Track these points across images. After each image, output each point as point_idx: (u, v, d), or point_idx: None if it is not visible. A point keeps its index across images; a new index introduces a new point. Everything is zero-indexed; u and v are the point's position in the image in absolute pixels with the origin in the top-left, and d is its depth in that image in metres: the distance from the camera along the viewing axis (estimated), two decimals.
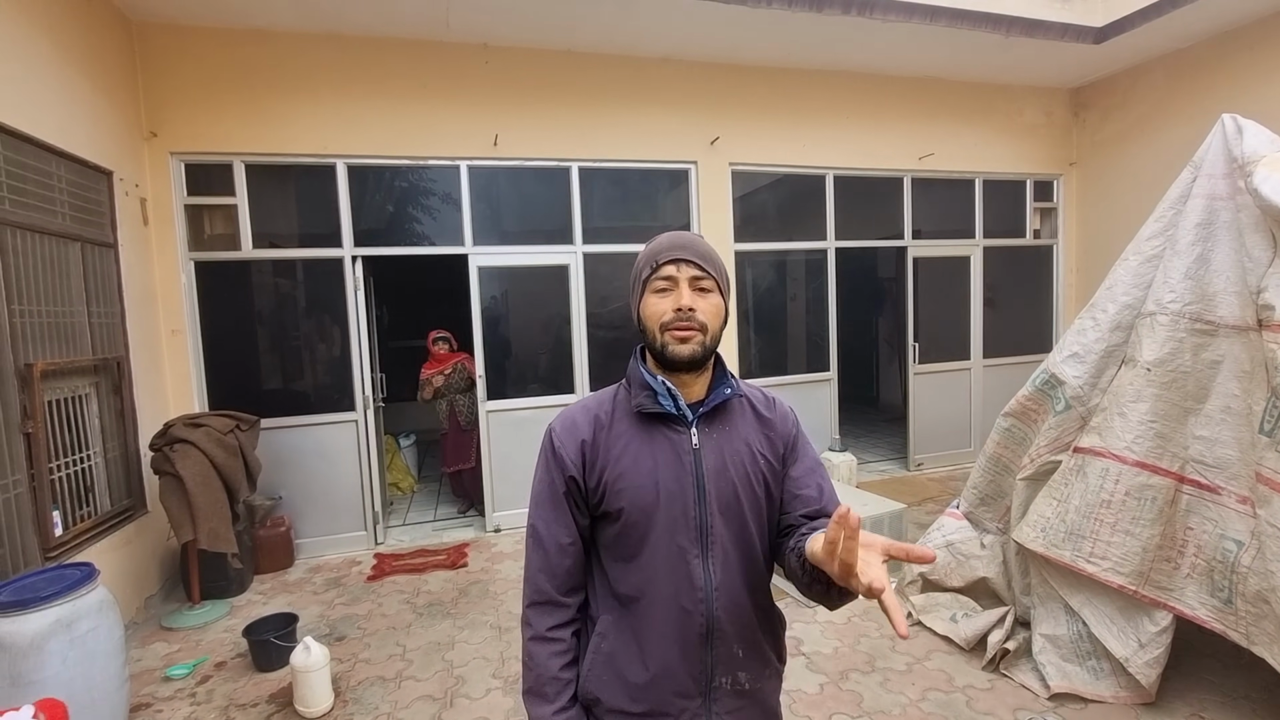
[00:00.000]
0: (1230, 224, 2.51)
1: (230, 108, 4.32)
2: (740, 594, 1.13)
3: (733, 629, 1.12)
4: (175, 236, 4.31)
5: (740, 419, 1.19)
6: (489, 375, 4.90)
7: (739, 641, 1.14)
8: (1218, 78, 5.25)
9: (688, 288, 1.09)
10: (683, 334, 1.08)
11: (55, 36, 3.34)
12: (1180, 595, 2.53)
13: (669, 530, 1.10)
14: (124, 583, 3.55)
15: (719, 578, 1.11)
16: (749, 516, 1.14)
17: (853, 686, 2.81)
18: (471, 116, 4.74)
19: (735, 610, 1.12)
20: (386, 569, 4.29)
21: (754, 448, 1.16)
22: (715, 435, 1.15)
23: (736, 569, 1.13)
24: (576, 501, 1.16)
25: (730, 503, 1.13)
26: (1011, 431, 3.10)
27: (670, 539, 1.10)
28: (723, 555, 1.12)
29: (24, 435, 2.93)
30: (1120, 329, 2.78)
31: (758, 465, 1.16)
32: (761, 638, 1.18)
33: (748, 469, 1.14)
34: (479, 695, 2.83)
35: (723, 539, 1.12)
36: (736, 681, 1.15)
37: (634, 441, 1.13)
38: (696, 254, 1.11)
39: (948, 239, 6.23)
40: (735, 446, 1.15)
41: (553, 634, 1.17)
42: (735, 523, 1.13)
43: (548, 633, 1.17)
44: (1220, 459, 2.46)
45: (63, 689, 2.26)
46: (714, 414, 1.17)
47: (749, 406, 1.22)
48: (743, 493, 1.13)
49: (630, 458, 1.12)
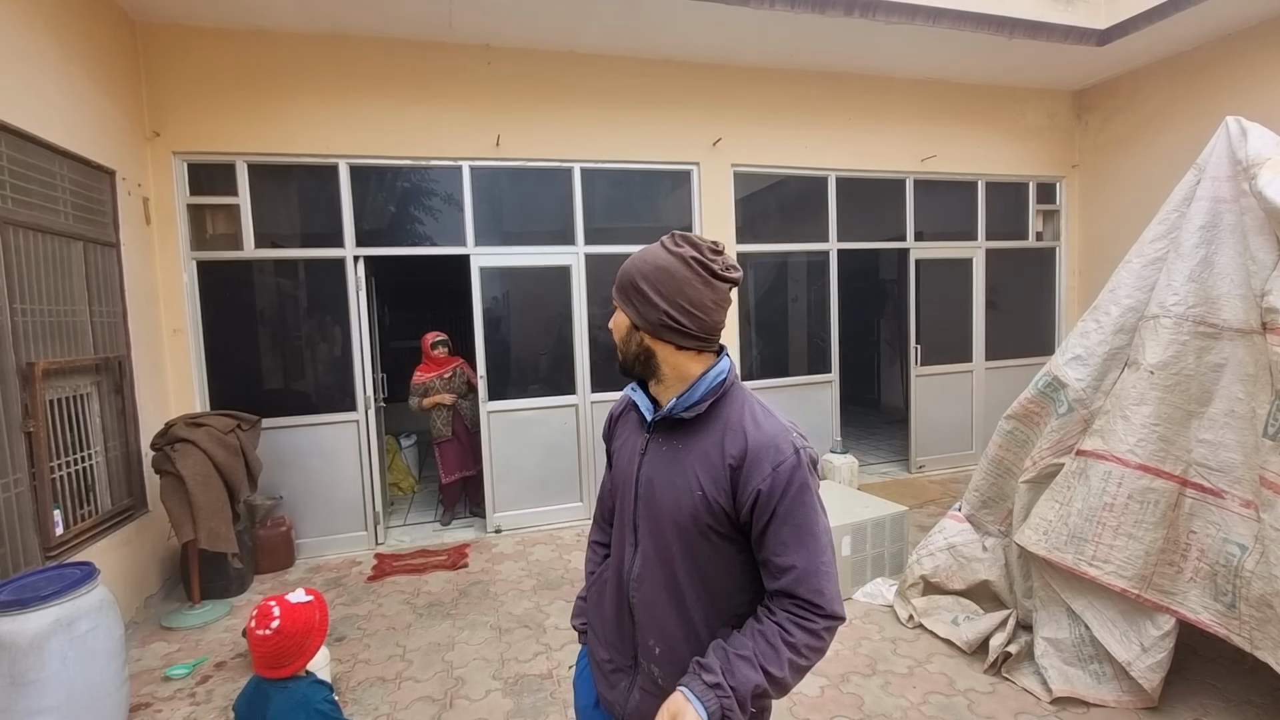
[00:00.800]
0: (1234, 227, 2.51)
1: (233, 107, 4.32)
2: (656, 598, 1.17)
3: (648, 624, 1.19)
4: (177, 236, 4.31)
5: (704, 443, 1.14)
6: (490, 376, 4.90)
7: (654, 637, 1.19)
8: (1221, 80, 5.24)
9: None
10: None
11: (60, 37, 3.35)
12: (1183, 599, 2.52)
13: (621, 512, 1.27)
14: (124, 582, 3.55)
15: (638, 571, 1.21)
16: (671, 536, 1.15)
17: (853, 689, 2.80)
18: (474, 117, 4.74)
19: (650, 609, 1.19)
20: (387, 569, 4.29)
21: (697, 477, 1.12)
22: (665, 448, 1.18)
23: (654, 573, 1.18)
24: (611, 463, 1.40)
25: (658, 513, 1.17)
26: (1014, 434, 3.09)
27: (621, 520, 1.27)
28: (644, 556, 1.20)
29: (25, 434, 2.93)
30: (1123, 332, 2.77)
31: (691, 496, 1.12)
32: (683, 651, 1.16)
33: (679, 494, 1.13)
34: (479, 696, 2.83)
35: (645, 543, 1.19)
36: (652, 673, 1.20)
37: (628, 429, 1.31)
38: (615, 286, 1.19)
39: (950, 241, 6.23)
40: (679, 468, 1.15)
41: (594, 544, 1.48)
42: (657, 535, 1.17)
43: (593, 541, 1.49)
44: (1224, 462, 2.45)
45: (62, 688, 2.26)
46: (672, 427, 1.18)
47: (720, 436, 1.13)
48: (667, 513, 1.15)
49: (621, 441, 1.33)
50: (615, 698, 1.26)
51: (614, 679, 1.27)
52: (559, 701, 2.77)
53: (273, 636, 1.59)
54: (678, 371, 1.16)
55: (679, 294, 1.10)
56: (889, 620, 3.37)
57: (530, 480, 5.03)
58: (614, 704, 1.27)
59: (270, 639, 1.59)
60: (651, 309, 1.12)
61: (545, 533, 4.92)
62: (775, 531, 1.08)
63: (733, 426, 1.12)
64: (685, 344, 1.14)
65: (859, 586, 3.67)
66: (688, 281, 1.10)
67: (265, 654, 1.60)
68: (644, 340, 1.16)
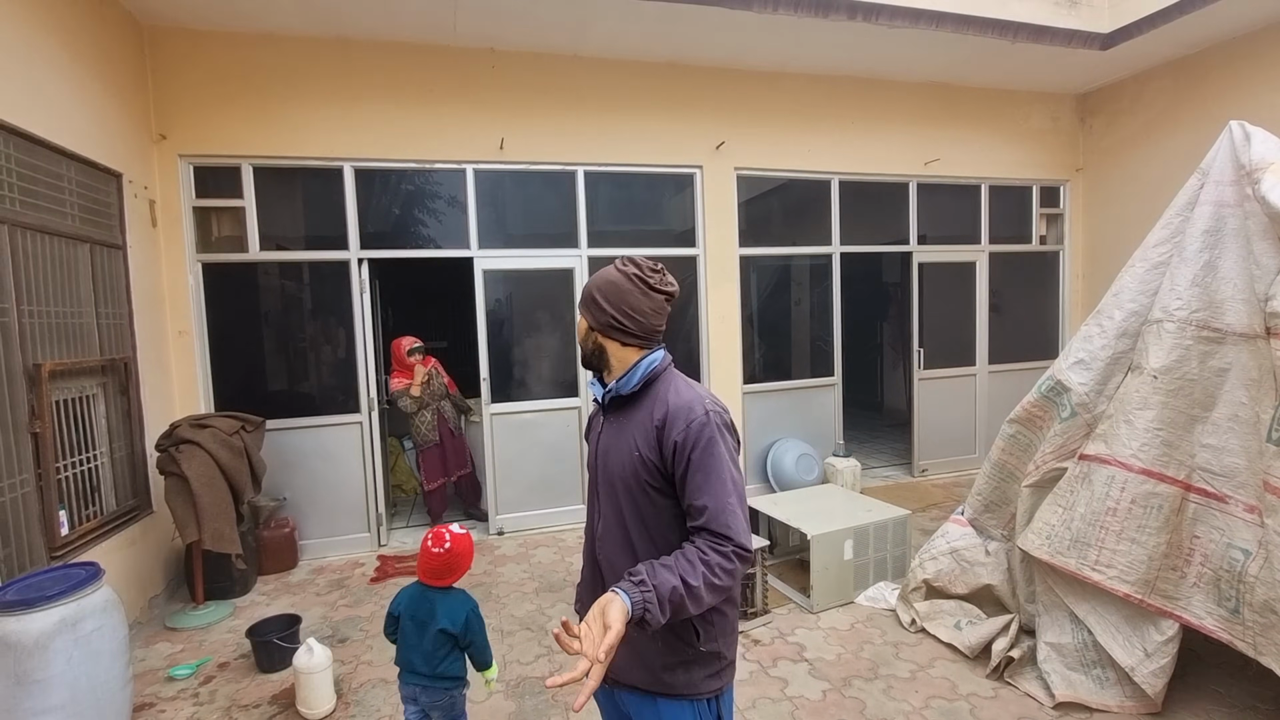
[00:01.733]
0: (1238, 231, 2.50)
1: (239, 111, 4.35)
2: (614, 552, 1.43)
3: (610, 576, 1.40)
4: (183, 238, 4.34)
5: (639, 415, 1.41)
6: (493, 378, 4.91)
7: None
8: (1225, 84, 5.23)
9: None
10: None
11: (68, 41, 3.37)
12: (1187, 604, 2.51)
13: (590, 485, 1.53)
14: (129, 582, 3.56)
15: (600, 531, 1.46)
16: (622, 495, 1.40)
17: (855, 694, 2.80)
18: (477, 120, 4.76)
19: (611, 563, 1.42)
20: (390, 571, 4.29)
21: (636, 441, 1.38)
22: (613, 423, 1.47)
23: (613, 531, 1.43)
24: None
25: (611, 478, 1.43)
26: (1017, 438, 3.09)
27: (591, 491, 1.53)
28: (604, 517, 1.46)
29: (31, 435, 2.95)
30: (1127, 336, 2.77)
31: (632, 456, 1.38)
32: None
33: (625, 457, 1.39)
34: (481, 699, 2.83)
35: (604, 505, 1.46)
36: None
37: (595, 420, 1.57)
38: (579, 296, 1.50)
39: (953, 244, 6.22)
40: (624, 436, 1.42)
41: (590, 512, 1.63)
42: (611, 496, 1.43)
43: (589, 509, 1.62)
44: (1228, 467, 2.45)
45: (67, 688, 2.27)
46: (617, 405, 1.47)
47: (651, 407, 1.39)
48: (617, 475, 1.41)
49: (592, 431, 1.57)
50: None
51: None
52: (560, 705, 2.77)
53: (444, 554, 2.11)
54: (623, 363, 1.44)
55: (623, 302, 1.40)
56: (891, 624, 3.37)
57: (532, 482, 5.03)
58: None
59: (443, 556, 2.10)
60: (602, 314, 1.42)
61: (547, 535, 4.93)
62: (690, 477, 1.31)
63: (660, 397, 1.39)
64: (628, 341, 1.42)
65: (861, 590, 3.66)
66: (630, 293, 1.40)
67: (435, 568, 2.11)
68: (597, 339, 1.45)
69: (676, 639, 1.36)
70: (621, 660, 1.32)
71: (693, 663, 1.37)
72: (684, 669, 1.37)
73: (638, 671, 1.39)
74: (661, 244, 5.47)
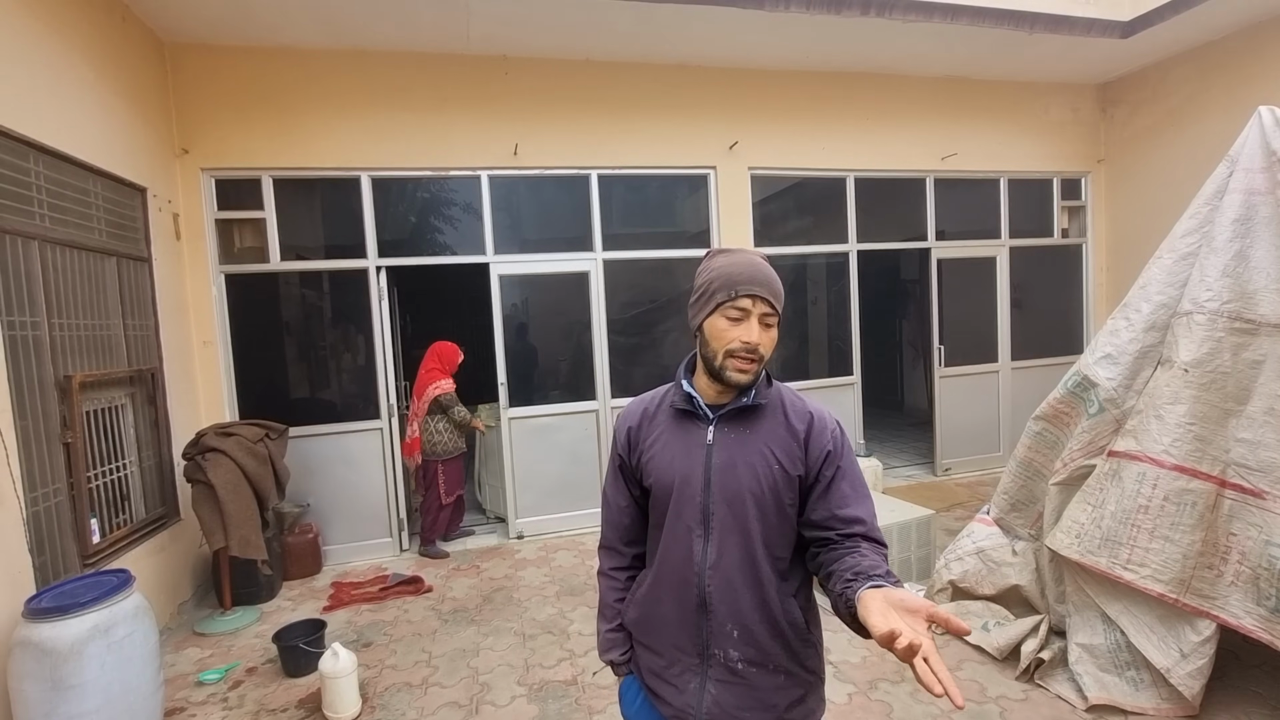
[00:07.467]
0: (1270, 219, 2.44)
1: (258, 124, 4.43)
2: (734, 579, 1.24)
3: (724, 608, 1.24)
4: (206, 250, 4.42)
5: (767, 425, 1.27)
6: (511, 382, 4.93)
7: (731, 621, 1.25)
8: (1251, 70, 5.10)
9: (758, 324, 1.23)
10: (744, 365, 1.22)
11: (93, 60, 3.46)
12: (1224, 604, 2.44)
13: (680, 508, 1.27)
14: (158, 589, 3.63)
15: (714, 558, 1.24)
16: (752, 513, 1.23)
17: (882, 696, 2.76)
18: (491, 127, 4.80)
19: (727, 592, 1.24)
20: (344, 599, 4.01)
21: (772, 452, 1.24)
22: (733, 435, 1.27)
23: (733, 556, 1.24)
24: (628, 475, 1.40)
25: (734, 497, 1.23)
26: (1043, 435, 3.03)
27: (680, 516, 1.27)
28: (719, 540, 1.24)
29: (64, 445, 3.02)
30: (1155, 329, 2.71)
31: (770, 469, 1.23)
32: (759, 629, 1.24)
33: (758, 470, 1.23)
34: (504, 703, 2.84)
35: (722, 526, 1.24)
36: (729, 657, 1.25)
37: (666, 432, 1.32)
38: (771, 291, 1.26)
39: (973, 240, 6.13)
40: (753, 448, 1.25)
41: (611, 572, 1.46)
42: (737, 515, 1.23)
43: (608, 570, 1.46)
44: (1264, 462, 2.38)
45: (101, 693, 2.31)
46: (736, 416, 1.28)
47: (783, 415, 1.27)
48: (748, 490, 1.23)
49: (661, 444, 1.32)
50: (687, 700, 1.27)
51: (682, 682, 1.28)
52: (583, 708, 2.77)
53: None
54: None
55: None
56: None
57: (551, 486, 5.04)
58: (686, 708, 1.27)
59: None
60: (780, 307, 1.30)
61: (567, 538, 4.93)
62: (838, 485, 1.22)
63: (791, 405, 1.29)
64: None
65: None
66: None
67: None
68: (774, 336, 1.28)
69: (799, 665, 1.27)
70: (732, 705, 1.24)
71: (808, 692, 1.30)
72: (801, 704, 1.28)
73: (754, 715, 1.25)
74: (676, 245, 5.46)
